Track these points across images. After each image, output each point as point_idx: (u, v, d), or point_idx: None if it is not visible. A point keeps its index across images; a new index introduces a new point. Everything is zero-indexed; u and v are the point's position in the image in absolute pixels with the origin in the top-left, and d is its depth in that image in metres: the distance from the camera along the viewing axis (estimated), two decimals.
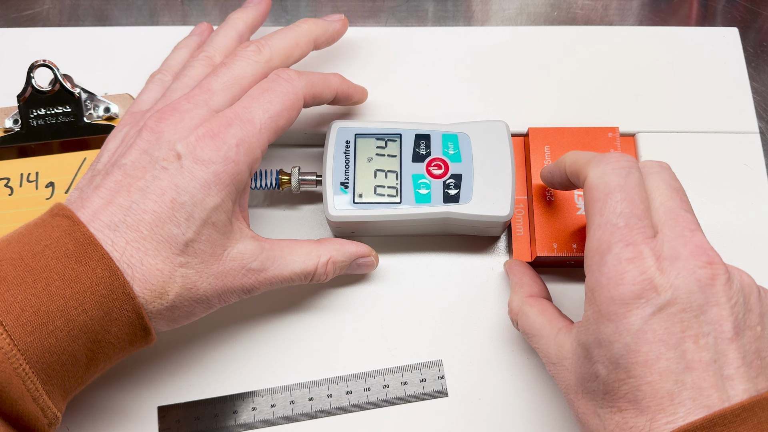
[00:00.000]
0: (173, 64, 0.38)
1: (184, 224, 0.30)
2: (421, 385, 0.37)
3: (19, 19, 0.49)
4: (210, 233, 0.31)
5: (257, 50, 0.34)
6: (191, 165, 0.30)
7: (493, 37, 0.44)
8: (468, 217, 0.36)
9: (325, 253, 0.35)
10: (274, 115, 0.33)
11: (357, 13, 0.50)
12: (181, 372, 0.37)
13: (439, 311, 0.38)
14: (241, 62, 0.34)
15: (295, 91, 0.33)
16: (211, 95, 0.33)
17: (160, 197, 0.30)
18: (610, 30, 0.44)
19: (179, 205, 0.30)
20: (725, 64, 0.43)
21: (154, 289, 0.29)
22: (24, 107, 0.39)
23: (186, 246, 0.30)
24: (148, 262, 0.29)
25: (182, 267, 0.30)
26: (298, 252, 0.34)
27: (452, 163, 0.37)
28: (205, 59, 0.35)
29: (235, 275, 0.32)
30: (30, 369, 0.26)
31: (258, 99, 0.33)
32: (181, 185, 0.30)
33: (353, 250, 0.37)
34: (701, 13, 0.50)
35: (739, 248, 0.38)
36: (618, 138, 0.39)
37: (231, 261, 0.32)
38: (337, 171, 0.37)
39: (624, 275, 0.26)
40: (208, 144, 0.31)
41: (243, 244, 0.32)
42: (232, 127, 0.31)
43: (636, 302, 0.26)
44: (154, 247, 0.29)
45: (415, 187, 0.36)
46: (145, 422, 0.36)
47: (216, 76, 0.33)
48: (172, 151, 0.30)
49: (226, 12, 0.50)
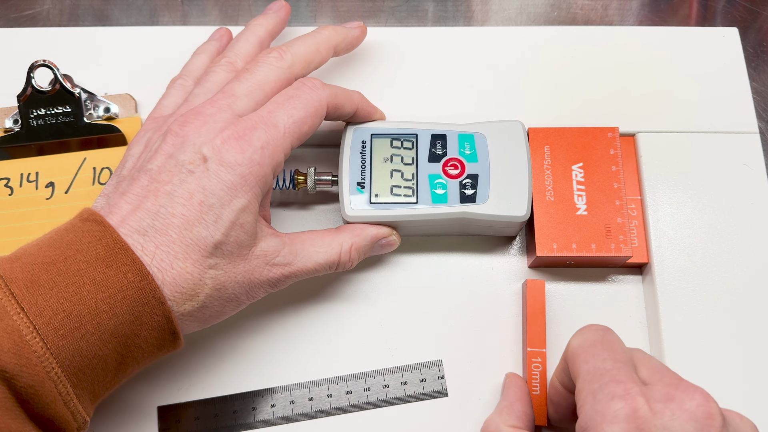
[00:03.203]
0: (194, 69, 0.38)
1: (213, 226, 0.30)
2: (421, 385, 0.37)
3: (19, 19, 0.49)
4: (238, 234, 0.31)
5: (279, 56, 0.35)
6: (217, 167, 0.30)
7: (493, 37, 0.44)
8: (485, 218, 0.36)
9: (347, 241, 0.35)
10: (298, 121, 0.33)
11: (357, 13, 0.50)
12: (181, 372, 0.37)
13: (439, 311, 0.38)
14: (263, 68, 0.34)
15: (320, 99, 0.34)
16: (234, 100, 0.33)
17: (188, 200, 0.30)
18: (610, 30, 0.44)
19: (207, 208, 0.30)
20: (725, 64, 0.43)
21: (185, 292, 0.30)
22: (24, 107, 0.39)
23: (215, 248, 0.30)
24: (178, 265, 0.29)
25: (211, 269, 0.30)
26: (319, 243, 0.35)
27: (468, 163, 0.37)
28: (227, 65, 0.36)
29: (261, 271, 0.32)
30: (62, 373, 0.27)
31: (283, 105, 0.33)
32: (209, 188, 0.30)
33: (374, 232, 0.37)
34: (701, 13, 0.50)
35: (739, 248, 0.38)
36: (618, 138, 0.39)
37: (256, 258, 0.32)
38: (354, 171, 0.37)
39: (617, 413, 0.25)
40: (234, 146, 0.31)
41: (265, 241, 0.33)
42: (257, 131, 0.32)
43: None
44: (183, 250, 0.30)
45: (431, 187, 0.36)
46: (145, 422, 0.36)
47: (239, 81, 0.34)
48: (198, 155, 0.31)
49: (226, 12, 0.50)
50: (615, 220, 0.37)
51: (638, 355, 0.29)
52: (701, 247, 0.38)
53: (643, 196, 0.39)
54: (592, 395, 0.27)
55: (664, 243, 0.38)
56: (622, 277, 0.39)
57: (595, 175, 0.38)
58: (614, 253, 0.36)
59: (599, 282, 0.39)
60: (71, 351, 0.27)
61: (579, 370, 0.28)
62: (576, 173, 0.38)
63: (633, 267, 0.39)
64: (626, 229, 0.37)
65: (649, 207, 0.39)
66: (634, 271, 0.39)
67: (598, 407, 0.26)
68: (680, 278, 0.37)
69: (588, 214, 0.37)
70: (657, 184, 0.39)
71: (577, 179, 0.38)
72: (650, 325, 0.37)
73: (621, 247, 0.36)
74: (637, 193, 0.39)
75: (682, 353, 0.35)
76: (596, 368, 0.27)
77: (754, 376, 0.35)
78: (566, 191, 0.38)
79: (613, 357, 0.28)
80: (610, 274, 0.39)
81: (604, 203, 0.37)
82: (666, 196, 0.39)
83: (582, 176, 0.38)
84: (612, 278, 0.39)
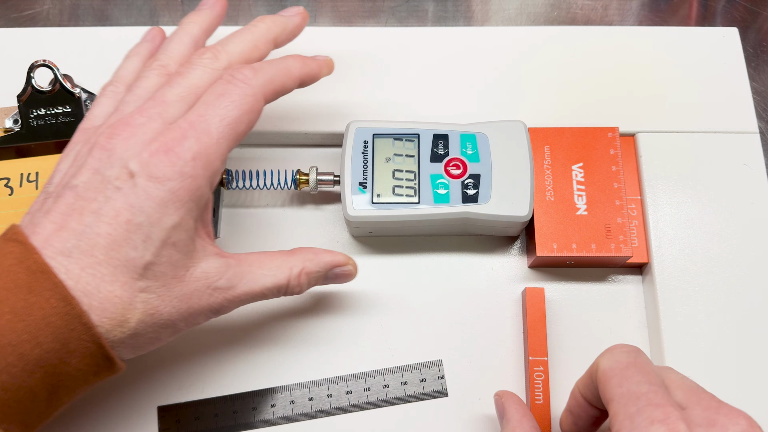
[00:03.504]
0: (125, 74, 0.35)
1: (142, 246, 0.28)
2: (421, 385, 0.37)
3: (19, 19, 0.49)
4: (170, 254, 0.29)
5: (213, 57, 0.32)
6: (146, 183, 0.28)
7: (493, 37, 0.44)
8: (487, 217, 0.36)
9: (298, 264, 0.33)
10: (232, 122, 0.30)
11: (357, 13, 0.50)
12: (181, 372, 0.37)
13: (439, 311, 0.38)
14: (197, 71, 0.32)
15: (254, 93, 0.31)
16: (165, 107, 0.31)
17: (114, 219, 0.28)
18: (610, 30, 0.44)
19: (135, 227, 0.28)
20: (725, 64, 0.43)
21: (114, 317, 0.28)
22: (24, 107, 0.39)
23: (145, 269, 0.28)
24: (105, 288, 0.27)
25: (142, 292, 0.28)
26: (268, 265, 0.33)
27: (470, 163, 0.37)
28: (159, 68, 0.33)
29: (200, 296, 0.30)
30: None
31: (213, 105, 0.30)
32: (136, 205, 0.28)
33: (328, 259, 0.34)
34: (701, 13, 0.50)
35: (739, 248, 0.38)
36: (618, 138, 0.39)
37: (195, 281, 0.30)
38: (356, 171, 0.37)
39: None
40: (162, 160, 0.29)
41: (207, 262, 0.31)
42: (187, 140, 0.29)
43: None
44: (110, 272, 0.28)
45: (433, 187, 0.36)
46: (145, 422, 0.36)
47: (170, 86, 0.31)
48: (124, 170, 0.29)
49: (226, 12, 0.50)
50: (615, 220, 0.37)
51: (671, 375, 0.28)
52: (701, 247, 0.38)
53: (643, 196, 0.39)
54: (630, 420, 0.25)
55: (664, 243, 0.38)
56: (622, 277, 0.39)
57: (595, 175, 0.38)
58: (614, 253, 0.36)
59: (599, 282, 0.39)
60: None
61: (612, 393, 0.27)
62: (576, 173, 0.38)
63: (633, 267, 0.39)
64: (626, 229, 0.37)
65: (649, 207, 0.39)
66: (634, 271, 0.39)
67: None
68: (680, 278, 0.37)
69: (588, 214, 0.37)
70: (657, 184, 0.39)
71: (577, 179, 0.38)
72: (650, 325, 0.37)
73: (621, 247, 0.36)
74: (637, 193, 0.39)
75: (682, 353, 0.35)
76: (631, 391, 0.26)
77: (754, 375, 0.35)
78: (566, 191, 0.38)
79: (648, 380, 0.27)
80: (610, 274, 0.39)
81: (604, 203, 0.37)
82: (666, 196, 0.39)
83: (582, 176, 0.38)
84: (612, 278, 0.39)
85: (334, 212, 0.40)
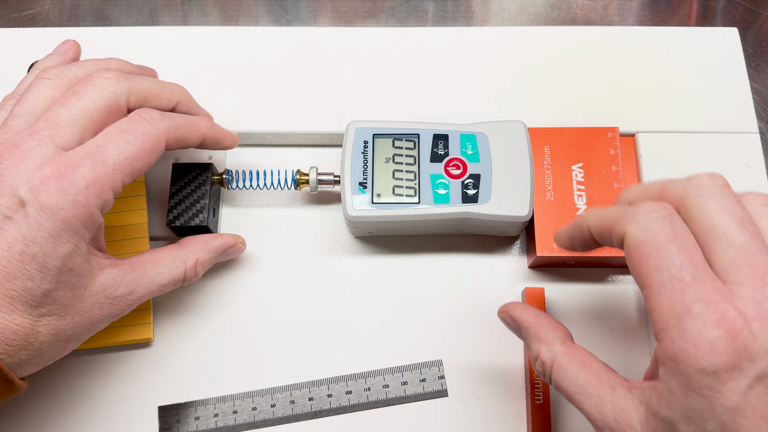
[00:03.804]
0: (25, 87, 0.33)
1: (38, 277, 0.28)
2: (421, 385, 0.37)
3: (19, 19, 0.49)
4: (68, 279, 0.29)
5: (115, 79, 0.32)
6: (37, 213, 0.28)
7: (493, 37, 0.44)
8: (486, 218, 0.36)
9: (192, 257, 0.34)
10: (131, 157, 0.30)
11: (357, 13, 0.50)
12: (181, 372, 0.37)
13: (439, 311, 0.38)
14: (93, 91, 0.31)
15: (157, 134, 0.31)
16: (57, 130, 0.29)
17: (8, 251, 0.27)
18: (610, 30, 0.44)
19: (29, 258, 0.28)
20: (725, 64, 0.43)
21: (17, 344, 0.28)
22: None
23: (44, 297, 0.28)
24: (4, 318, 0.27)
25: (44, 317, 0.29)
26: (162, 263, 0.33)
27: (470, 163, 0.37)
28: (56, 78, 0.32)
29: (101, 307, 0.31)
30: None
31: (115, 139, 0.30)
32: (29, 236, 0.27)
33: (218, 244, 0.36)
34: (701, 13, 0.50)
35: None
36: (618, 138, 0.39)
37: (94, 296, 0.30)
38: (356, 171, 0.37)
39: (715, 342, 0.22)
40: (54, 187, 0.28)
41: (103, 275, 0.31)
42: (81, 168, 0.29)
43: (731, 373, 0.22)
44: (8, 303, 0.28)
45: (433, 187, 0.36)
46: (145, 422, 0.36)
47: (64, 106, 0.30)
48: (14, 198, 0.28)
49: (226, 12, 0.50)
50: None
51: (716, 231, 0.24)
52: None
53: None
54: (677, 319, 0.23)
55: None
56: (622, 277, 0.39)
57: (595, 175, 0.38)
58: (614, 253, 0.36)
59: (599, 282, 0.39)
60: None
61: (651, 279, 0.24)
62: (576, 173, 0.38)
63: None
64: None
65: None
66: None
67: (689, 336, 0.23)
68: None
69: None
70: None
71: (577, 179, 0.38)
72: (650, 325, 0.37)
73: None
74: None
75: None
76: (674, 279, 0.23)
77: None
78: (566, 191, 0.38)
79: (691, 262, 0.23)
80: (610, 274, 0.39)
81: (604, 203, 0.37)
82: None
83: (582, 176, 0.38)
84: (612, 278, 0.39)
85: (334, 212, 0.40)
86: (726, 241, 0.24)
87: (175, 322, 0.38)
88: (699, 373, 0.22)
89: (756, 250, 0.23)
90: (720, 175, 0.25)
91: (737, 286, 0.23)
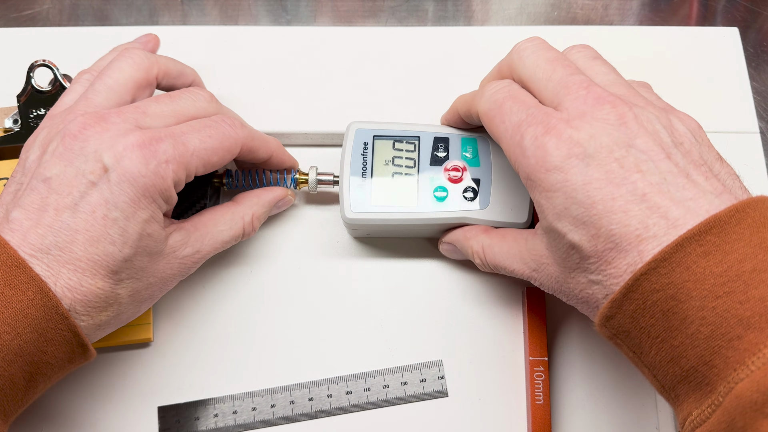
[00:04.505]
0: (103, 64, 0.35)
1: (120, 241, 0.29)
2: (421, 385, 0.37)
3: (19, 19, 0.49)
4: (147, 244, 0.30)
5: (209, 98, 0.35)
6: (119, 179, 0.29)
7: (493, 37, 0.44)
8: (486, 223, 0.36)
9: (248, 212, 0.36)
10: (209, 149, 0.32)
11: (357, 13, 0.50)
12: (181, 372, 0.37)
13: (439, 311, 0.38)
14: (185, 100, 0.33)
15: (236, 137, 0.33)
16: (143, 117, 0.31)
17: (91, 215, 0.29)
18: (610, 30, 0.44)
19: (111, 222, 0.29)
20: (725, 64, 0.43)
21: (99, 306, 0.29)
22: (24, 107, 0.39)
23: (124, 261, 0.29)
24: (87, 282, 0.28)
25: (123, 281, 0.30)
26: (221, 221, 0.35)
27: (470, 168, 0.37)
28: (142, 62, 0.34)
29: (172, 267, 0.32)
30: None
31: (198, 130, 0.32)
32: (111, 200, 0.29)
33: (270, 197, 0.37)
34: (701, 13, 0.50)
35: None
36: None
37: (165, 257, 0.32)
38: (355, 172, 0.36)
39: (546, 146, 0.28)
40: (137, 155, 0.29)
41: (172, 237, 0.32)
42: (163, 143, 0.30)
43: (568, 162, 0.27)
44: (91, 267, 0.29)
45: (432, 190, 0.36)
46: (145, 422, 0.36)
47: (156, 102, 0.32)
48: (99, 163, 0.29)
49: (226, 12, 0.50)
50: None
51: (539, 76, 0.30)
52: None
53: None
54: (519, 147, 0.29)
55: None
56: None
57: None
58: None
59: None
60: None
61: (499, 132, 0.30)
62: None
63: None
64: None
65: None
66: None
67: (529, 152, 0.28)
68: None
69: None
70: None
71: None
72: None
73: None
74: None
75: None
76: (512, 124, 0.29)
77: None
78: None
79: (524, 106, 0.30)
80: None
81: None
82: None
83: None
84: None
85: (334, 212, 0.40)
86: (545, 79, 0.30)
87: (174, 322, 0.38)
88: (546, 174, 0.28)
89: (569, 74, 0.30)
90: (537, 36, 0.32)
91: (561, 105, 0.29)
